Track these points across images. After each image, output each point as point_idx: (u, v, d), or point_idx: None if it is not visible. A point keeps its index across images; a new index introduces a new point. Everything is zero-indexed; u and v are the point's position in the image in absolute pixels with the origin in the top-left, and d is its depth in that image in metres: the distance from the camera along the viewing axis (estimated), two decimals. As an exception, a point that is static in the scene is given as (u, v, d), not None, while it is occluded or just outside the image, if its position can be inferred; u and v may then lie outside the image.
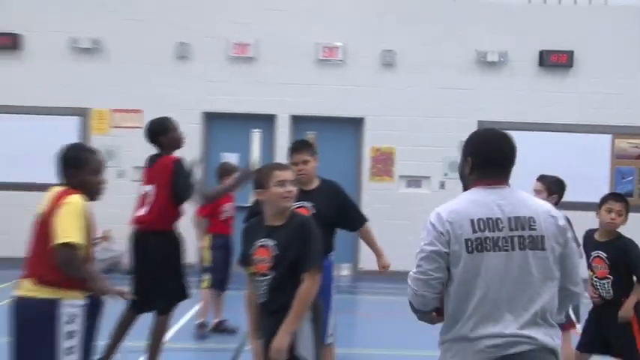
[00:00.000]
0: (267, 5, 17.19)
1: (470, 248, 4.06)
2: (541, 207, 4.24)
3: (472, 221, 4.07)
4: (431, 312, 4.34)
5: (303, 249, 5.44)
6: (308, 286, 5.36)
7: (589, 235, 7.59)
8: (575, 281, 4.27)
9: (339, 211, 7.60)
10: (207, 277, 10.93)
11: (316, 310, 5.54)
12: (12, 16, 17.12)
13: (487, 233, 4.10)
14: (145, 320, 8.15)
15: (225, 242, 11.23)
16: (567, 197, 8.63)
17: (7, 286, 11.15)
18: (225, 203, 11.12)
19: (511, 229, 4.09)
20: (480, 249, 4.08)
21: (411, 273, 4.22)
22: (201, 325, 10.80)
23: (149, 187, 8.12)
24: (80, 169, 5.38)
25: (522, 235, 4.08)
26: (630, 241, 7.32)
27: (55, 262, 5.16)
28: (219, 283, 11.00)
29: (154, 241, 8.05)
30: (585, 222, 7.77)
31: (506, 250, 4.09)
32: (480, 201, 4.15)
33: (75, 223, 5.16)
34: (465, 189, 4.45)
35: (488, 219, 4.07)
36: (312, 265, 5.40)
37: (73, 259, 5.17)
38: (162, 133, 8.32)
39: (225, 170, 11.25)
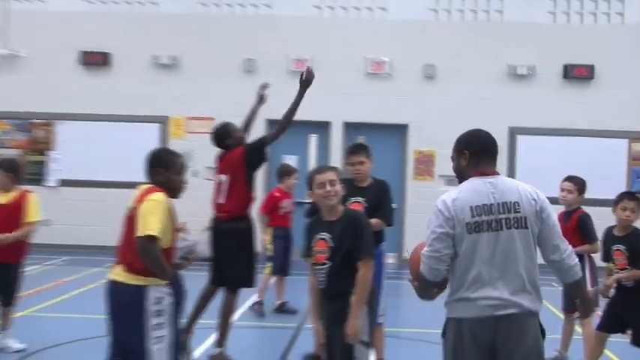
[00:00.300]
0: (322, 26, 18.36)
1: (470, 230, 4.56)
2: (525, 192, 4.71)
3: (471, 208, 4.59)
4: (434, 289, 4.78)
5: (356, 241, 5.76)
6: (364, 273, 5.69)
7: (609, 231, 8.04)
8: (552, 250, 4.75)
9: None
10: (269, 265, 11.71)
11: (371, 294, 5.87)
12: (102, 37, 18.44)
13: (483, 217, 4.61)
14: (216, 302, 8.63)
15: (284, 234, 11.89)
16: (588, 195, 9.08)
17: (101, 270, 12.35)
18: (283, 199, 11.86)
19: (500, 213, 4.60)
20: (478, 230, 4.58)
21: (424, 252, 4.71)
22: (258, 304, 11.56)
23: (223, 177, 8.60)
24: (167, 169, 5.67)
25: (509, 217, 4.61)
26: None
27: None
28: (280, 270, 11.73)
29: (231, 227, 8.49)
30: (605, 216, 8.49)
31: (497, 231, 4.61)
32: (477, 190, 4.65)
33: (156, 218, 5.37)
34: (460, 182, 4.92)
35: (483, 205, 4.58)
36: (365, 255, 5.71)
37: (152, 250, 5.40)
38: (227, 136, 8.85)
39: (285, 170, 12.10)
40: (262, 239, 11.55)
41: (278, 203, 11.86)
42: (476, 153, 4.78)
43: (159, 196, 5.41)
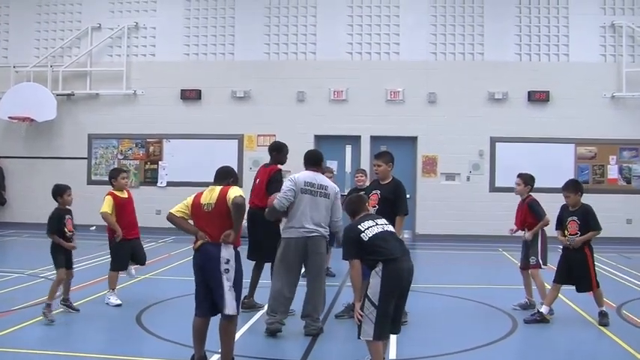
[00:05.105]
0: (353, 66, 21.19)
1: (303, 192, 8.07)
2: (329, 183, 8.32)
3: (304, 182, 8.21)
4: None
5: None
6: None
7: (564, 207, 9.25)
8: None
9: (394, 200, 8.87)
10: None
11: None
12: (195, 79, 21.77)
13: (310, 187, 8.10)
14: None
15: None
16: (545, 184, 10.94)
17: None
18: None
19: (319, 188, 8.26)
20: (305, 193, 8.17)
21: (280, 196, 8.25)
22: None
23: (258, 180, 9.89)
24: (235, 178, 7.17)
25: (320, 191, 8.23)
26: (589, 206, 9.21)
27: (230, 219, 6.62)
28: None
29: (259, 214, 9.28)
30: (558, 200, 9.54)
31: (315, 195, 8.18)
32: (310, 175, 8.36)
33: (240, 192, 6.69)
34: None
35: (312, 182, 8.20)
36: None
37: (243, 206, 6.69)
38: (275, 150, 10.01)
39: (326, 170, 12.03)
40: None
41: None
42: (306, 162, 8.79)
43: (237, 188, 6.91)
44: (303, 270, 8.84)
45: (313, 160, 8.90)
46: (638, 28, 20.80)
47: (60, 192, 9.53)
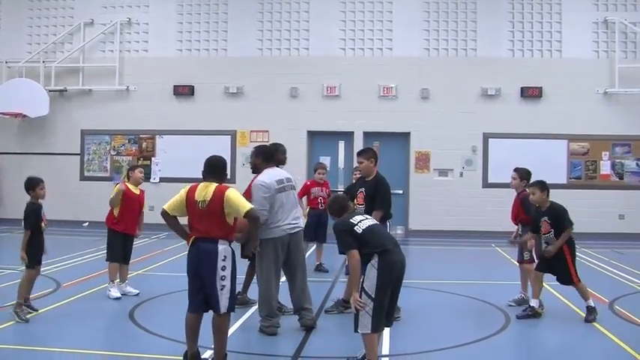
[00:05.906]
0: (346, 62, 21.31)
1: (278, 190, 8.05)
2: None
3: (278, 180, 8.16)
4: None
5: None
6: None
7: (536, 207, 9.34)
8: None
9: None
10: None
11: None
12: (188, 75, 21.76)
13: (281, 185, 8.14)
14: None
15: (315, 212, 13.24)
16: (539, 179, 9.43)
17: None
18: (313, 187, 13.38)
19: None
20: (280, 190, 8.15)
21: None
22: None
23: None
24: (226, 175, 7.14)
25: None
26: (557, 205, 9.22)
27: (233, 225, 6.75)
28: (313, 238, 13.02)
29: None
30: (550, 196, 9.37)
31: (287, 190, 8.21)
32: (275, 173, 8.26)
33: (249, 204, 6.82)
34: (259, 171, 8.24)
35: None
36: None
37: (259, 218, 6.98)
38: (258, 152, 9.26)
39: (316, 166, 13.92)
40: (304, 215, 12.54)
41: (309, 190, 13.44)
42: (265, 159, 8.62)
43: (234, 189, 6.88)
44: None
45: (271, 156, 8.75)
46: (630, 24, 20.96)
47: (32, 185, 9.19)
